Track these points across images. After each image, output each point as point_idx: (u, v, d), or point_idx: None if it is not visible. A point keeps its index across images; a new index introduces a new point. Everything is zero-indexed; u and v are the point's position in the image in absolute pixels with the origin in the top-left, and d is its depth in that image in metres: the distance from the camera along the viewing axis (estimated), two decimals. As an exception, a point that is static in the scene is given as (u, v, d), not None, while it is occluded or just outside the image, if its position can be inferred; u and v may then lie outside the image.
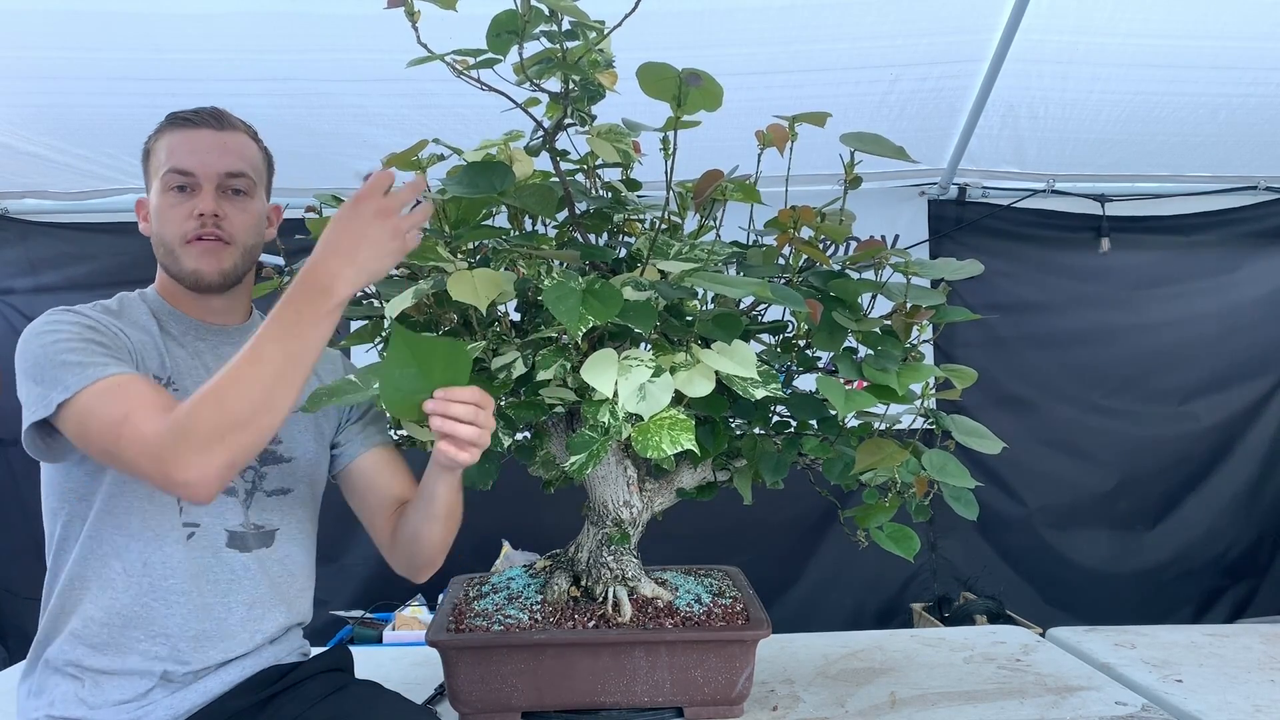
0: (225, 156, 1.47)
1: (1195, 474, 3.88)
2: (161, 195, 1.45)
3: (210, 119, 1.48)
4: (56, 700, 1.39)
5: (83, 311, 1.39)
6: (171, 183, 1.44)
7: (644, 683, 1.56)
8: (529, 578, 1.75)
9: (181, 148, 1.45)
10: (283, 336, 1.22)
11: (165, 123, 1.49)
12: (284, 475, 1.52)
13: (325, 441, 1.58)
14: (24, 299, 3.71)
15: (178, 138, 1.46)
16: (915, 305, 1.50)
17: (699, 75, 1.20)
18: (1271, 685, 1.76)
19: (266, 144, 1.60)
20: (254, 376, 1.21)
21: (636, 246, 1.56)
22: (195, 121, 1.47)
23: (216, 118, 1.49)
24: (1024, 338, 3.82)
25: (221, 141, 1.47)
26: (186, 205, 1.44)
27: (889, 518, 1.51)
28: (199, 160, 1.45)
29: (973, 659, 1.92)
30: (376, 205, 1.24)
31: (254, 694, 1.46)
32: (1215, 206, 3.83)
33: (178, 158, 1.44)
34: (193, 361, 1.47)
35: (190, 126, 1.46)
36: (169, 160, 1.44)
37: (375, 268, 1.24)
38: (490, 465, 1.52)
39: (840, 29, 2.73)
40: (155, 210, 1.46)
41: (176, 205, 1.44)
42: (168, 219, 1.45)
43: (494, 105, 1.41)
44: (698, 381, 1.32)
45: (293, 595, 1.54)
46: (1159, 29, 2.75)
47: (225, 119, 1.50)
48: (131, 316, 1.46)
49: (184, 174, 1.44)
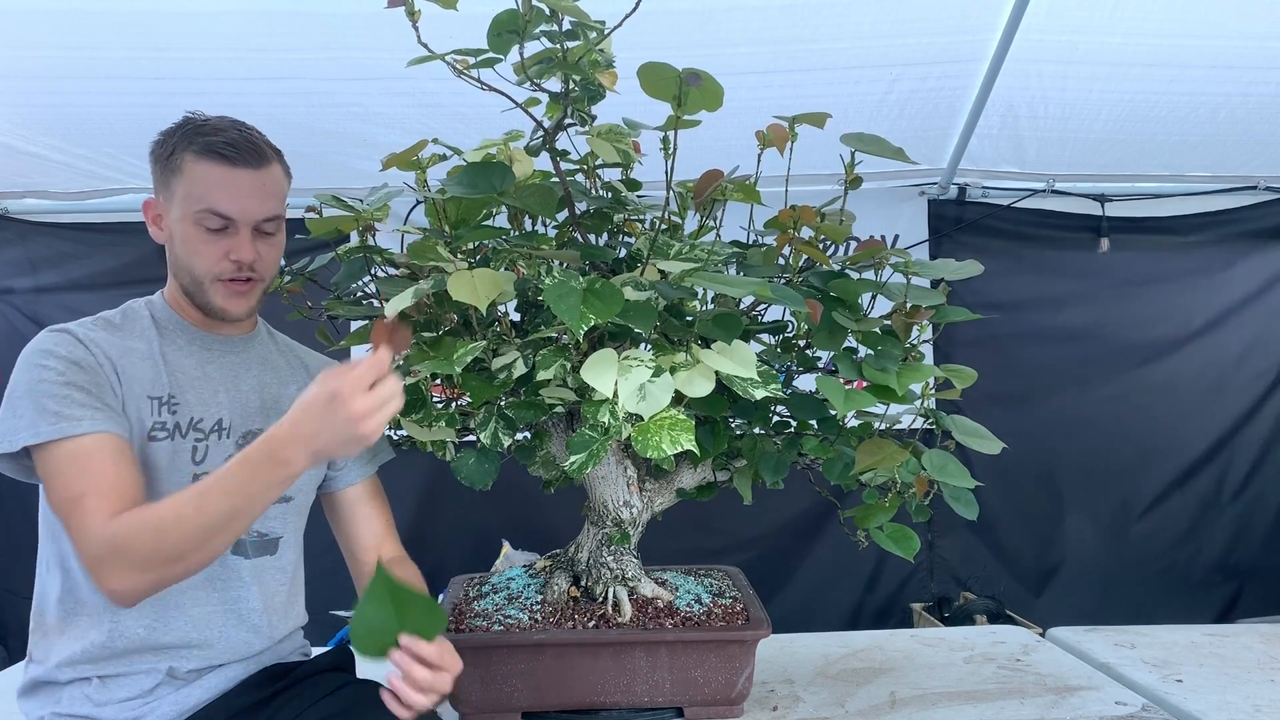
0: (266, 202, 1.43)
1: (1193, 473, 3.88)
2: (192, 227, 1.41)
3: (250, 155, 1.42)
4: (63, 699, 1.39)
5: (78, 336, 1.38)
6: (207, 222, 1.40)
7: (644, 683, 1.56)
8: (529, 578, 1.75)
9: (221, 189, 1.40)
10: (232, 493, 1.24)
11: (200, 145, 1.41)
12: None
13: None
14: (24, 299, 3.70)
15: (216, 174, 1.40)
16: (915, 305, 1.50)
17: (699, 75, 1.20)
18: (1271, 685, 1.76)
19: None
20: (196, 522, 1.24)
21: (636, 246, 1.56)
22: (235, 159, 1.41)
23: (256, 153, 1.43)
24: (1023, 337, 3.82)
25: (261, 184, 1.43)
26: (221, 245, 1.42)
27: (889, 518, 1.51)
28: (240, 207, 1.41)
29: (973, 659, 1.92)
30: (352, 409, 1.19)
31: (257, 691, 1.47)
32: (1215, 206, 3.82)
33: (216, 199, 1.40)
34: (197, 373, 1.47)
35: (229, 164, 1.41)
36: (206, 199, 1.40)
37: (334, 452, 1.25)
38: (490, 465, 1.52)
39: (840, 28, 2.73)
40: (182, 238, 1.42)
41: (210, 243, 1.42)
42: (199, 254, 1.42)
43: (494, 105, 1.41)
44: (698, 381, 1.32)
45: (293, 599, 1.56)
46: (1159, 29, 2.74)
47: (262, 153, 1.44)
48: (134, 330, 1.46)
49: (223, 218, 1.41)
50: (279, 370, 1.57)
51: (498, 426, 1.46)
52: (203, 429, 1.45)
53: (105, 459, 1.32)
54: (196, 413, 1.45)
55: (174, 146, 1.42)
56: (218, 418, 1.47)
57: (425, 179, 1.55)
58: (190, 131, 1.43)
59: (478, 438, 1.46)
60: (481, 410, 1.46)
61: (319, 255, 1.70)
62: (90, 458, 1.31)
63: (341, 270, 1.60)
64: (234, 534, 1.29)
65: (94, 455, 1.31)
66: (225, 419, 1.47)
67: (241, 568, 1.47)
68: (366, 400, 1.19)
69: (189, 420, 1.44)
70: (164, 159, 1.44)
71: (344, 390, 1.19)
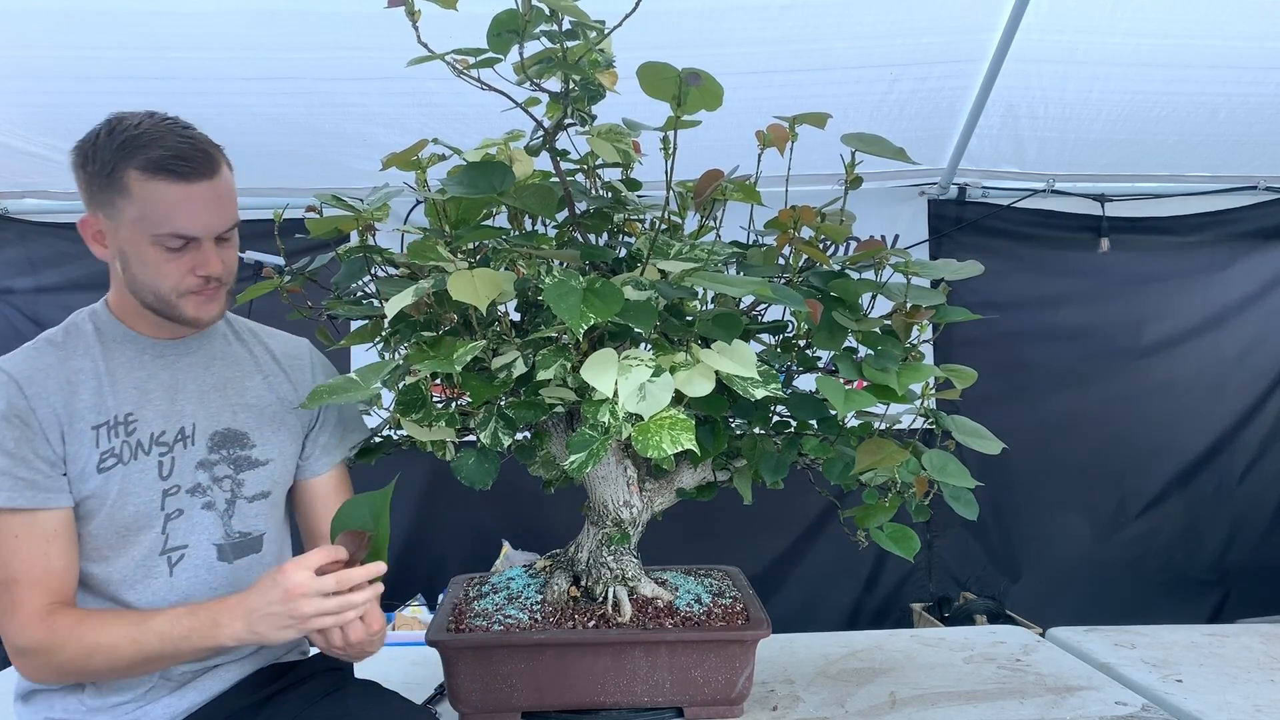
0: (223, 212, 1.39)
1: (1192, 473, 3.89)
2: (150, 248, 1.35)
3: (203, 166, 1.35)
4: (57, 704, 1.39)
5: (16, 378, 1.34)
6: (169, 244, 1.35)
7: (644, 683, 1.56)
8: (529, 578, 1.75)
9: (180, 210, 1.34)
10: (168, 640, 1.31)
11: (144, 162, 1.32)
12: (262, 479, 1.50)
13: (298, 443, 1.57)
14: (24, 299, 3.71)
15: (173, 195, 1.33)
16: (915, 305, 1.50)
17: (699, 75, 1.20)
18: (1271, 685, 1.76)
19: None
20: (127, 656, 1.31)
21: (636, 246, 1.56)
22: (189, 174, 1.33)
23: (207, 162, 1.36)
24: (1023, 337, 3.82)
25: (217, 194, 1.37)
26: (184, 261, 1.37)
27: (889, 518, 1.51)
28: (203, 224, 1.36)
29: (973, 659, 1.92)
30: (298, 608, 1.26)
31: (254, 693, 1.46)
32: (1215, 207, 3.83)
33: (178, 222, 1.34)
34: (152, 385, 1.43)
35: (184, 181, 1.33)
36: (167, 223, 1.33)
37: (267, 639, 1.30)
38: (490, 465, 1.52)
39: (840, 28, 2.73)
40: (140, 259, 1.36)
41: (172, 261, 1.36)
42: (163, 274, 1.37)
43: (494, 105, 1.41)
44: (698, 381, 1.32)
45: None
46: (1159, 29, 2.74)
47: (211, 158, 1.37)
48: (78, 348, 1.41)
49: (187, 238, 1.36)
50: (240, 362, 1.54)
51: (498, 426, 1.46)
52: (166, 442, 1.41)
53: (34, 544, 1.32)
54: (156, 427, 1.41)
55: (112, 163, 1.32)
56: (179, 427, 1.43)
57: (425, 179, 1.55)
58: (128, 145, 1.32)
59: (478, 438, 1.46)
60: (481, 410, 1.46)
61: (319, 255, 1.69)
62: (19, 540, 1.31)
63: (341, 270, 1.60)
64: (155, 670, 1.39)
65: (22, 538, 1.31)
66: (188, 426, 1.44)
67: (227, 571, 1.46)
68: (313, 604, 1.26)
69: (150, 436, 1.40)
70: (100, 175, 1.33)
71: (305, 588, 1.26)
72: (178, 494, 1.42)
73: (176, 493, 1.42)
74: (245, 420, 1.50)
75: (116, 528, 1.38)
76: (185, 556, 1.43)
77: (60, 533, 1.34)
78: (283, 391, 1.56)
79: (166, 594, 1.41)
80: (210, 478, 1.45)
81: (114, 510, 1.37)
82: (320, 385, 1.44)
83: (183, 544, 1.42)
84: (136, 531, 1.39)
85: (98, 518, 1.37)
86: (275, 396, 1.55)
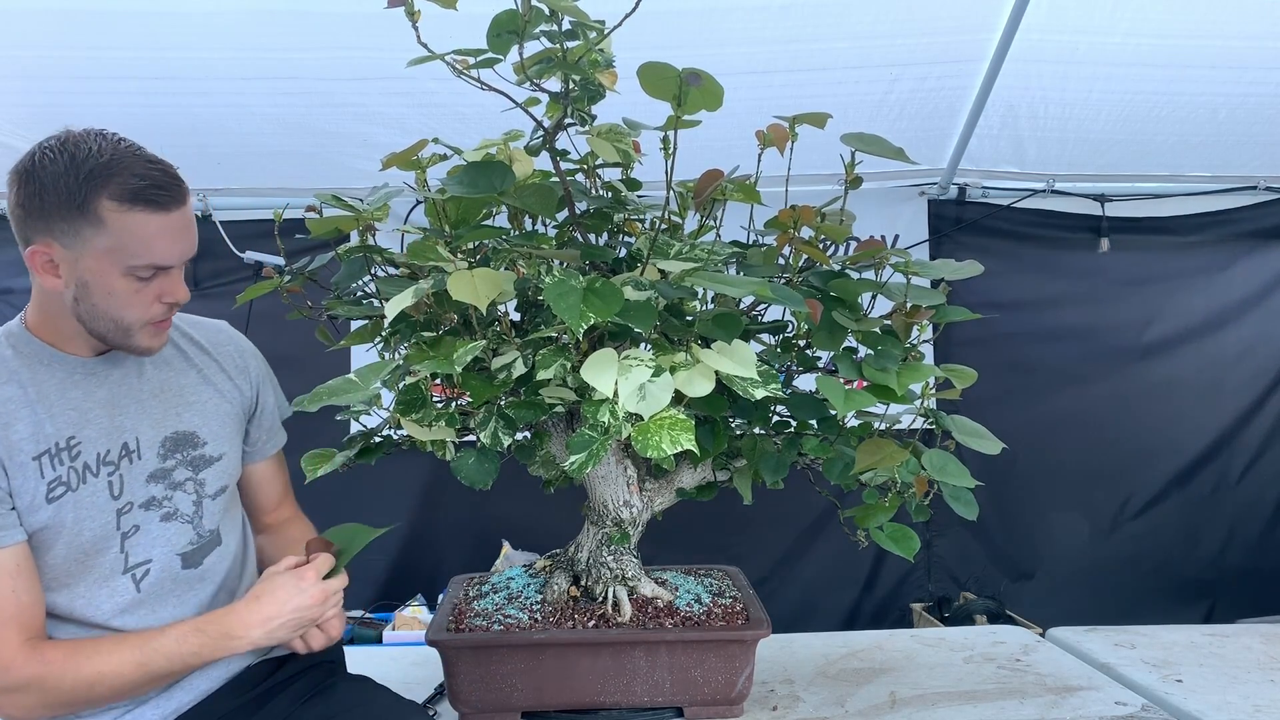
0: (192, 238, 1.37)
1: (1191, 473, 3.88)
2: (122, 279, 1.30)
3: (176, 193, 1.32)
4: None
5: None
6: (142, 274, 1.31)
7: (644, 682, 1.56)
8: (529, 578, 1.75)
9: (159, 240, 1.31)
10: (176, 659, 1.33)
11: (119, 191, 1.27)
12: (219, 473, 1.51)
13: (242, 430, 1.58)
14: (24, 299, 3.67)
15: (153, 225, 1.29)
16: (915, 305, 1.50)
17: (699, 75, 1.20)
18: (1271, 685, 1.76)
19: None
20: (134, 680, 1.32)
21: (636, 246, 1.56)
22: (166, 204, 1.30)
23: (178, 188, 1.33)
24: (1023, 337, 3.82)
25: (187, 220, 1.35)
26: (151, 290, 1.34)
27: (889, 518, 1.51)
28: (178, 252, 1.34)
29: (973, 659, 1.92)
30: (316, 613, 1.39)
31: (244, 693, 1.46)
32: (1215, 207, 3.82)
33: (156, 253, 1.31)
34: (89, 404, 1.38)
35: (163, 211, 1.30)
36: (146, 254, 1.30)
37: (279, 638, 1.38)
38: (490, 465, 1.53)
39: (840, 28, 2.73)
40: (105, 290, 1.31)
41: (141, 291, 1.33)
42: (131, 305, 1.33)
43: (494, 105, 1.41)
44: (698, 381, 1.32)
45: (244, 585, 1.56)
46: (1159, 29, 2.74)
47: (182, 186, 1.34)
48: (2, 376, 1.35)
49: (164, 269, 1.33)
50: (171, 362, 1.50)
51: (498, 426, 1.46)
52: (112, 460, 1.38)
53: (4, 580, 1.28)
54: (100, 446, 1.37)
55: (82, 193, 1.26)
56: (122, 443, 1.40)
57: (425, 179, 1.55)
58: (97, 174, 1.27)
59: (478, 438, 1.46)
60: (481, 410, 1.46)
61: (319, 255, 1.69)
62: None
63: (341, 270, 1.60)
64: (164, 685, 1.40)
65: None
66: (131, 441, 1.40)
67: (193, 576, 1.46)
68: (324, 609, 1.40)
69: (96, 457, 1.37)
70: (66, 206, 1.27)
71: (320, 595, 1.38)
72: (131, 511, 1.39)
73: (129, 510, 1.39)
74: (190, 420, 1.48)
75: (76, 554, 1.35)
76: (150, 571, 1.41)
77: (23, 566, 1.30)
78: (217, 382, 1.54)
79: (135, 608, 1.40)
80: (166, 486, 1.43)
81: (72, 537, 1.34)
82: (320, 387, 1.44)
83: (145, 559, 1.40)
84: (95, 555, 1.36)
85: (56, 547, 1.34)
86: (213, 389, 1.53)
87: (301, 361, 2.98)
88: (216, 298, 3.51)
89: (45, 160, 1.28)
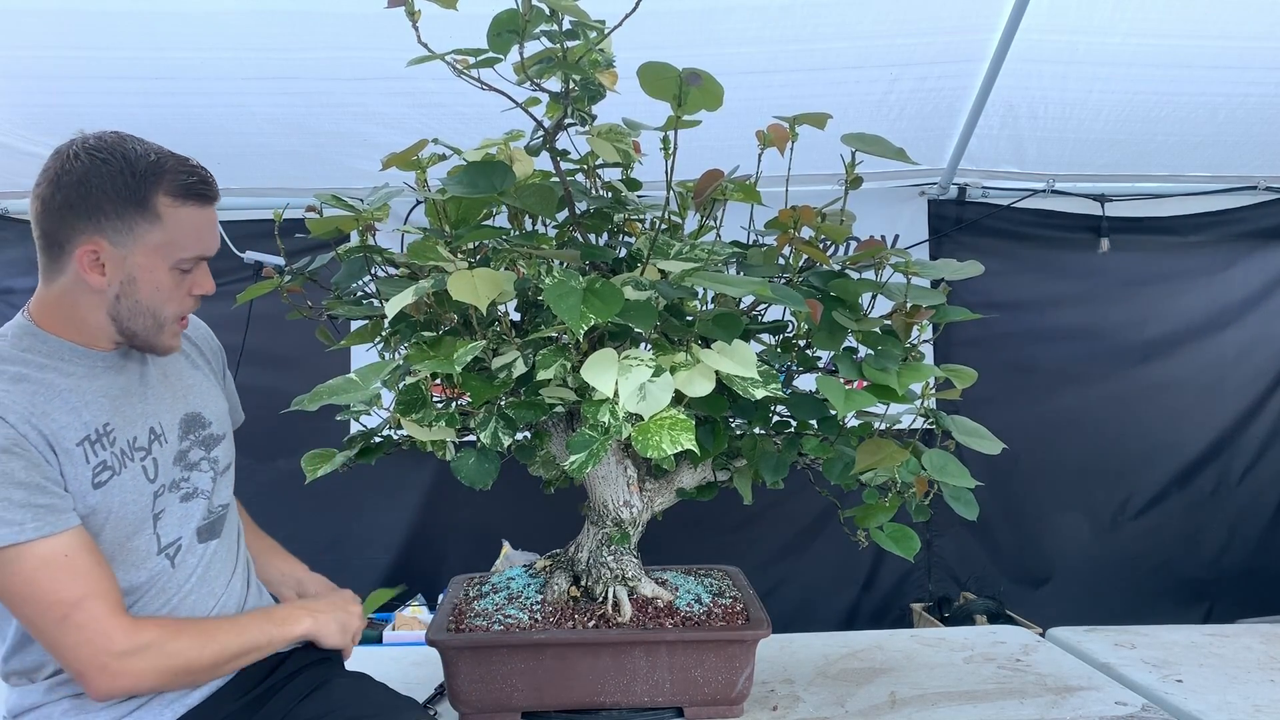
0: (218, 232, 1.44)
1: (1191, 473, 3.88)
2: (169, 273, 1.36)
3: (215, 187, 1.39)
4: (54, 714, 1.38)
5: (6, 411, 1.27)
6: (186, 266, 1.37)
7: (644, 683, 1.56)
8: (529, 578, 1.75)
9: (207, 232, 1.38)
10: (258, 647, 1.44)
11: (174, 187, 1.33)
12: (225, 451, 1.57)
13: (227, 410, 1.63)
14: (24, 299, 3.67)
15: (200, 219, 1.37)
16: (915, 305, 1.50)
17: (699, 75, 1.20)
18: (1271, 685, 1.76)
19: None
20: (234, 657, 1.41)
21: (636, 246, 1.56)
22: (210, 197, 1.38)
23: (214, 183, 1.40)
24: (1023, 337, 3.82)
25: (215, 215, 1.42)
26: (186, 283, 1.40)
27: (889, 518, 1.51)
28: (214, 245, 1.41)
29: (973, 659, 1.92)
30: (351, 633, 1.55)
31: (247, 693, 1.47)
32: (1215, 207, 3.82)
33: (205, 244, 1.38)
34: (114, 390, 1.40)
35: (208, 204, 1.38)
36: (195, 246, 1.36)
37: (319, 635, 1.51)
38: (490, 465, 1.53)
39: (840, 28, 2.73)
40: (154, 285, 1.35)
41: (179, 284, 1.38)
42: (172, 299, 1.38)
43: (494, 105, 1.41)
44: (698, 381, 1.32)
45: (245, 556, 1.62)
46: (1159, 29, 2.74)
47: (214, 181, 1.40)
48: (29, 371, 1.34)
49: (205, 260, 1.40)
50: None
51: (498, 426, 1.46)
52: (143, 445, 1.41)
53: (86, 558, 1.29)
54: (130, 432, 1.39)
55: (138, 189, 1.31)
56: (149, 427, 1.42)
57: (425, 179, 1.55)
58: (152, 171, 1.32)
59: (478, 438, 1.46)
60: (481, 410, 1.46)
61: (319, 255, 1.70)
62: (69, 559, 1.28)
63: (341, 270, 1.60)
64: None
65: (73, 556, 1.28)
66: (157, 425, 1.44)
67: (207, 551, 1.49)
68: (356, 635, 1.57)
69: (129, 442, 1.39)
70: (118, 199, 1.30)
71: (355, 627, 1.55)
72: (163, 493, 1.43)
73: (162, 492, 1.43)
74: (195, 401, 1.53)
75: (120, 539, 1.37)
76: (181, 548, 1.45)
77: (91, 546, 1.32)
78: (202, 367, 1.60)
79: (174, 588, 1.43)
80: (184, 467, 1.47)
81: (118, 521, 1.36)
82: (320, 386, 1.45)
83: (175, 538, 1.44)
84: (133, 538, 1.39)
85: (103, 532, 1.35)
86: (200, 373, 1.59)
87: (301, 361, 2.98)
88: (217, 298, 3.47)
89: (93, 162, 1.31)
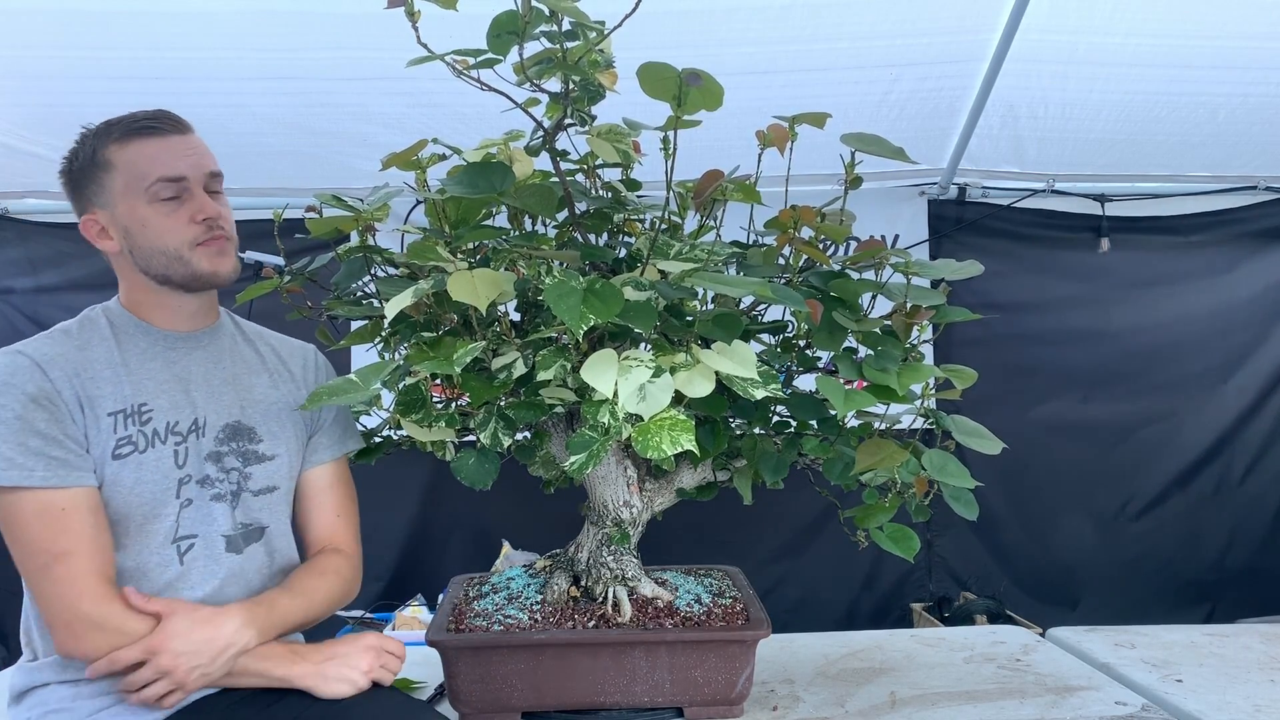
0: (205, 158, 1.47)
1: (1191, 474, 3.88)
2: (149, 206, 1.42)
3: (170, 123, 1.45)
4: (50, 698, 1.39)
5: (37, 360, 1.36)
6: (162, 193, 1.41)
7: (644, 683, 1.56)
8: (529, 578, 1.75)
9: (162, 156, 1.42)
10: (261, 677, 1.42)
11: (119, 132, 1.42)
12: (269, 474, 1.54)
13: (304, 441, 1.61)
14: (24, 299, 3.71)
15: (151, 148, 1.42)
16: (915, 305, 1.50)
17: (699, 75, 1.20)
18: (1271, 685, 1.76)
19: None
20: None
21: (636, 246, 1.56)
22: (162, 130, 1.43)
23: (175, 121, 1.46)
24: (1023, 337, 3.82)
25: (193, 144, 1.46)
26: (182, 211, 1.43)
27: (889, 518, 1.51)
28: (188, 164, 1.44)
29: (973, 659, 1.92)
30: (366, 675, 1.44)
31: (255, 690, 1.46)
32: (1215, 206, 3.83)
33: (163, 166, 1.41)
34: (165, 376, 1.47)
35: (158, 134, 1.43)
36: (152, 172, 1.41)
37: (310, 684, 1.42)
38: (490, 465, 1.53)
39: (840, 29, 2.73)
40: (140, 222, 1.42)
41: (171, 214, 1.42)
42: (166, 229, 1.42)
43: (494, 105, 1.41)
44: (698, 382, 1.32)
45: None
46: (1159, 29, 2.74)
47: (180, 121, 1.47)
48: (92, 339, 1.44)
49: (175, 181, 1.42)
50: (248, 361, 1.58)
51: (498, 426, 1.46)
52: (180, 432, 1.45)
53: (82, 517, 1.33)
54: (171, 417, 1.45)
55: (91, 150, 1.43)
56: (193, 418, 1.47)
57: (425, 179, 1.55)
58: (102, 130, 1.43)
59: (478, 438, 1.46)
60: (481, 410, 1.46)
61: (319, 255, 1.70)
62: (65, 514, 1.32)
63: (341, 270, 1.60)
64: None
65: (69, 511, 1.32)
66: (200, 418, 1.47)
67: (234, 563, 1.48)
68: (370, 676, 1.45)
69: (166, 425, 1.44)
70: (85, 168, 1.43)
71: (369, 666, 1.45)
72: (190, 483, 1.45)
73: (189, 482, 1.45)
74: (253, 416, 1.54)
75: (132, 515, 1.39)
76: (194, 546, 1.45)
77: (96, 508, 1.36)
78: (287, 391, 1.59)
79: (178, 584, 1.43)
80: (219, 469, 1.48)
81: (128, 497, 1.39)
82: (320, 386, 1.45)
83: (192, 533, 1.45)
84: (152, 519, 1.41)
85: (112, 505, 1.39)
86: (280, 395, 1.58)
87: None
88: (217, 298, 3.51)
89: (70, 152, 1.46)
